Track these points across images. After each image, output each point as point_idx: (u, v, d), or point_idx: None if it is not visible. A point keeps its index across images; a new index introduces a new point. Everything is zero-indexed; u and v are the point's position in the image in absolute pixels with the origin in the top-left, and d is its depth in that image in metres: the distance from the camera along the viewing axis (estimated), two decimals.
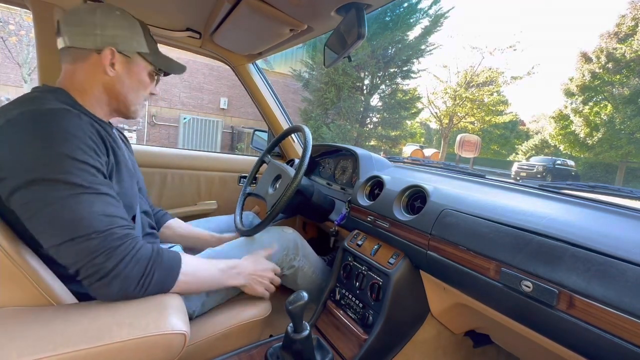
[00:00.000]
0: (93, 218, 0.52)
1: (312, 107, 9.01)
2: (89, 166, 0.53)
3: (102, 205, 0.53)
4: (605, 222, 0.59)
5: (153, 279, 0.57)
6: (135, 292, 0.56)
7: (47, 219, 0.50)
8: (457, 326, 0.90)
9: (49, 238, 0.51)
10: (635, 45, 10.68)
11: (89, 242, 0.51)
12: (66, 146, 0.51)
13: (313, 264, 1.05)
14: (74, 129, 0.53)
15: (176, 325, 0.54)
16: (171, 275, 0.61)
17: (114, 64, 0.66)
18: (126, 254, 0.54)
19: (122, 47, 0.66)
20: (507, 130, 20.66)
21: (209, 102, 9.52)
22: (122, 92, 0.69)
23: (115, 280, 0.53)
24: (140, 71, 0.70)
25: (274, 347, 0.74)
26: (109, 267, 0.52)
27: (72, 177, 0.51)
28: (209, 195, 1.54)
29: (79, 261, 0.51)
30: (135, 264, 0.55)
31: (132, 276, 0.55)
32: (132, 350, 0.50)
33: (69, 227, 0.50)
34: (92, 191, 0.53)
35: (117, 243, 0.53)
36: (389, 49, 8.37)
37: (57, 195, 0.50)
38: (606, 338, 0.45)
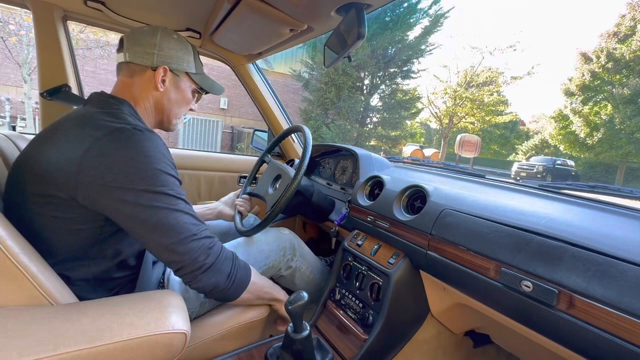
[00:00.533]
0: (190, 223, 0.61)
1: (312, 107, 9.02)
2: (175, 179, 0.62)
3: (191, 211, 0.63)
4: (605, 222, 0.59)
5: (237, 275, 0.69)
6: (225, 285, 0.67)
7: (155, 224, 0.58)
8: (457, 326, 0.90)
9: (158, 239, 0.59)
10: (634, 45, 10.68)
11: (192, 244, 0.60)
12: (160, 163, 0.59)
13: (311, 264, 1.06)
14: (162, 148, 0.62)
15: (177, 324, 0.54)
16: (247, 273, 0.73)
17: (164, 80, 0.73)
18: (219, 253, 0.65)
19: (174, 66, 0.74)
20: (507, 130, 20.67)
21: (209, 102, 9.52)
22: (168, 106, 0.77)
23: (213, 274, 0.64)
24: (185, 88, 0.78)
25: (274, 347, 0.74)
26: (209, 263, 0.63)
27: (169, 189, 0.59)
28: (209, 195, 1.54)
29: (185, 259, 0.60)
30: (225, 261, 0.66)
31: (224, 271, 0.66)
32: (133, 349, 0.50)
33: (174, 230, 0.59)
34: (182, 200, 0.62)
35: (210, 244, 0.64)
36: (389, 49, 8.37)
37: (160, 204, 0.58)
38: (606, 338, 0.45)
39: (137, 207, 0.56)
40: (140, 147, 0.58)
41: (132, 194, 0.56)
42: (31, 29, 5.74)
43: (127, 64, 0.72)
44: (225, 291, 0.68)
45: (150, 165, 0.58)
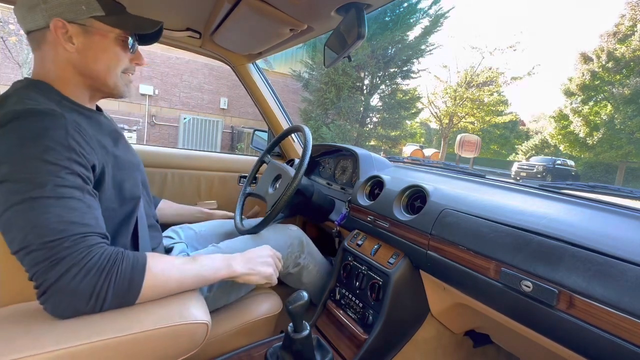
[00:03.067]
0: (45, 226, 0.46)
1: (312, 107, 9.01)
2: (60, 168, 0.49)
3: (62, 211, 0.47)
4: (605, 222, 0.59)
5: (108, 294, 0.49)
6: (89, 309, 0.48)
7: (4, 224, 0.47)
8: (457, 326, 0.90)
9: (8, 244, 0.48)
10: (634, 45, 10.68)
11: (37, 253, 0.45)
12: (37, 147, 0.48)
13: (318, 262, 1.06)
14: (51, 129, 0.49)
15: (199, 315, 0.56)
16: (133, 284, 0.51)
17: (71, 37, 0.58)
18: (72, 265, 0.46)
19: (70, 15, 0.57)
20: (507, 130, 20.66)
21: (209, 102, 9.52)
22: (90, 67, 0.61)
23: (60, 295, 0.46)
24: (101, 39, 0.60)
25: (274, 347, 0.74)
26: (51, 279, 0.45)
27: (35, 177, 0.47)
28: (209, 195, 1.54)
29: (29, 271, 0.46)
30: (83, 276, 0.46)
31: (81, 290, 0.46)
32: (160, 338, 0.52)
33: (20, 235, 0.46)
34: (53, 195, 0.47)
35: (64, 253, 0.46)
36: (389, 49, 8.37)
37: (15, 198, 0.46)
38: (606, 338, 0.45)
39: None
40: (17, 129, 0.48)
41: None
42: None
43: (29, 36, 0.59)
44: (98, 310, 0.50)
45: (19, 150, 0.47)
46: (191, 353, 0.58)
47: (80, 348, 0.46)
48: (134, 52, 0.67)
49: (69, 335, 0.46)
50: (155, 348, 0.53)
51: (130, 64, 0.67)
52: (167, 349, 0.54)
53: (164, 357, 0.55)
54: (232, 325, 0.82)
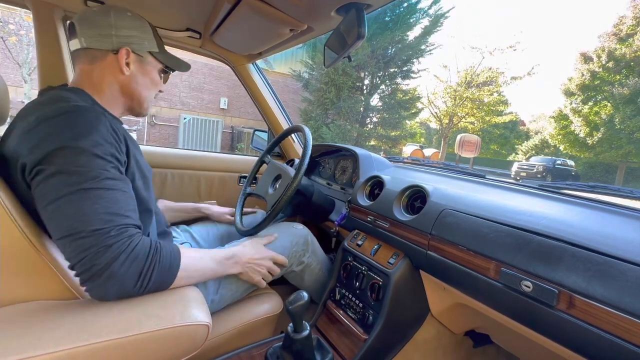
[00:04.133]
0: (93, 215, 0.50)
1: (312, 107, 9.01)
2: (106, 162, 0.54)
3: (108, 202, 0.52)
4: (605, 222, 0.59)
5: (152, 278, 0.55)
6: (134, 292, 0.54)
7: (53, 211, 0.50)
8: (457, 326, 0.90)
9: (53, 230, 0.51)
10: (635, 45, 10.68)
11: (85, 239, 0.49)
12: (87, 141, 0.52)
13: (321, 261, 1.06)
14: (97, 125, 0.55)
15: (199, 316, 0.57)
16: (170, 272, 0.59)
17: (128, 63, 0.68)
18: (120, 252, 0.51)
19: (135, 47, 0.69)
20: (507, 130, 20.66)
21: (209, 102, 9.52)
22: (137, 90, 0.72)
23: (110, 280, 0.51)
24: (152, 70, 0.73)
25: (274, 347, 0.74)
26: (100, 264, 0.49)
27: (87, 170, 0.51)
28: (209, 195, 1.54)
29: (72, 259, 0.50)
30: (132, 262, 0.52)
31: (129, 275, 0.52)
32: (160, 340, 0.53)
33: (69, 222, 0.50)
34: (103, 187, 0.52)
35: (111, 241, 0.51)
36: (389, 49, 8.37)
37: (68, 189, 0.50)
38: (606, 338, 0.45)
39: (43, 188, 0.50)
40: (67, 123, 0.53)
41: (43, 173, 0.50)
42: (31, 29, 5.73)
43: (85, 51, 0.66)
44: (141, 293, 0.55)
45: (71, 143, 0.51)
46: (192, 354, 0.58)
47: (81, 349, 0.46)
48: (165, 82, 0.81)
49: (70, 336, 0.47)
50: (156, 349, 0.53)
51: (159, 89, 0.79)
52: (167, 350, 0.54)
53: (165, 358, 0.55)
54: (232, 325, 0.82)
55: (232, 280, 0.86)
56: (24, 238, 0.51)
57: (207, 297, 0.81)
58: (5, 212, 0.49)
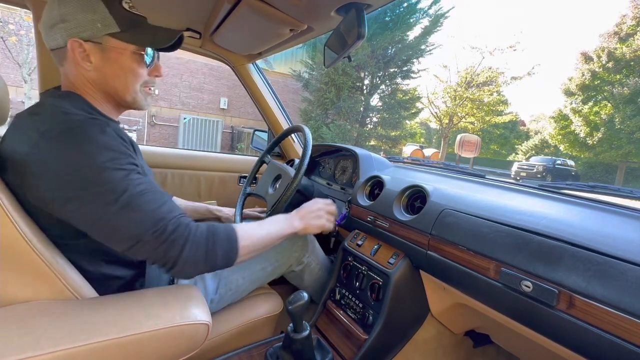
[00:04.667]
0: (145, 220, 0.53)
1: (312, 107, 9.01)
2: (127, 171, 0.54)
3: (148, 204, 0.55)
4: (605, 222, 0.59)
5: (217, 254, 0.60)
6: (207, 269, 0.60)
7: (110, 230, 0.53)
8: (457, 326, 0.90)
9: (116, 246, 0.54)
10: (635, 45, 10.68)
11: (149, 242, 0.53)
12: (103, 158, 0.52)
13: (320, 261, 1.06)
14: (106, 139, 0.54)
15: (199, 316, 0.57)
16: (231, 246, 0.63)
17: (88, 55, 0.59)
18: (185, 242, 0.56)
19: (87, 33, 0.57)
20: (507, 130, 20.66)
21: (209, 102, 9.52)
22: (109, 84, 0.62)
23: (186, 265, 0.56)
24: (118, 56, 0.61)
25: (274, 347, 0.74)
26: (173, 257, 0.55)
27: (116, 186, 0.52)
28: (209, 195, 1.54)
29: (150, 258, 0.55)
30: (196, 247, 0.57)
31: (198, 258, 0.57)
32: (161, 339, 0.53)
33: (128, 233, 0.53)
34: (135, 193, 0.53)
35: (173, 235, 0.55)
36: (389, 49, 8.36)
37: (109, 208, 0.51)
38: (606, 338, 0.45)
39: (86, 215, 0.52)
40: (79, 143, 0.51)
41: (76, 202, 0.51)
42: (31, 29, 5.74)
43: (52, 53, 0.61)
44: (214, 269, 0.61)
45: (91, 165, 0.51)
46: (192, 353, 0.58)
47: (81, 349, 0.46)
48: (151, 65, 0.67)
49: (69, 336, 0.47)
50: (156, 348, 0.53)
51: (149, 77, 0.67)
52: (167, 349, 0.54)
53: (165, 357, 0.55)
54: (232, 325, 0.82)
55: (232, 280, 0.86)
56: (23, 239, 0.51)
57: (207, 297, 0.81)
58: (4, 213, 0.49)
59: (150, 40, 0.63)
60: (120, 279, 0.68)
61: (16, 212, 0.52)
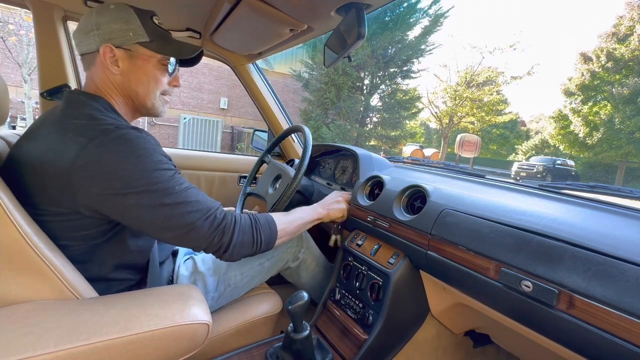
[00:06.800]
0: (195, 210, 0.60)
1: (312, 107, 9.01)
2: (172, 171, 0.61)
3: (195, 197, 0.61)
4: (605, 222, 0.59)
5: (262, 238, 0.70)
6: (254, 251, 0.70)
7: (163, 222, 0.58)
8: (457, 326, 0.90)
9: (170, 233, 0.59)
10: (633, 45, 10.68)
11: (202, 230, 0.61)
12: (152, 159, 0.58)
13: (316, 257, 1.07)
14: (149, 142, 0.59)
15: (199, 315, 0.57)
16: (272, 230, 0.73)
17: (117, 60, 0.64)
18: (234, 228, 0.65)
19: (119, 40, 0.63)
20: (507, 130, 20.67)
21: (209, 102, 9.52)
22: (132, 88, 0.67)
23: (236, 249, 0.66)
24: (144, 63, 0.66)
25: (274, 347, 0.74)
26: (226, 242, 0.64)
27: (167, 183, 0.58)
28: (208, 195, 1.53)
29: (202, 244, 0.62)
30: (244, 233, 0.67)
31: (246, 242, 0.67)
32: (161, 339, 0.53)
33: (181, 222, 0.59)
34: (182, 189, 0.60)
35: (223, 223, 0.63)
36: (388, 49, 8.37)
37: (162, 202, 0.57)
38: (606, 338, 0.45)
39: (141, 209, 0.56)
40: (128, 147, 0.56)
41: (132, 197, 0.55)
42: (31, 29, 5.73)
43: (82, 57, 0.66)
44: (257, 253, 0.71)
45: (143, 165, 0.56)
46: (192, 353, 0.58)
47: (81, 349, 0.46)
48: (172, 75, 0.73)
49: (70, 335, 0.47)
50: (156, 348, 0.53)
51: (169, 86, 0.73)
52: (168, 349, 0.54)
53: (165, 357, 0.55)
54: (232, 325, 0.82)
55: (231, 276, 0.87)
56: (23, 239, 0.51)
57: (207, 295, 0.81)
58: (5, 214, 0.49)
59: (176, 51, 0.69)
60: (122, 282, 0.68)
61: (17, 212, 0.52)
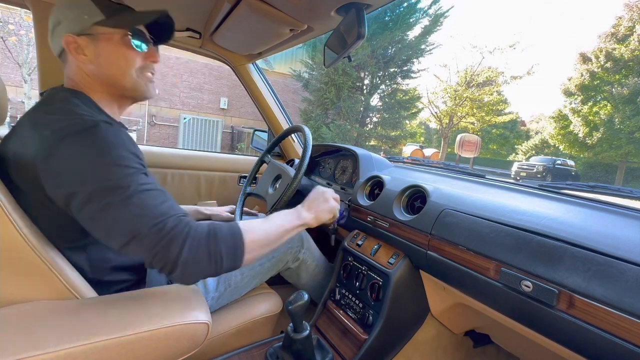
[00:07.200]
0: (145, 214, 0.52)
1: (312, 107, 9.01)
2: (134, 169, 0.55)
3: (151, 201, 0.54)
4: (605, 222, 0.59)
5: (222, 253, 0.56)
6: (213, 270, 0.55)
7: (109, 224, 0.52)
8: (457, 326, 0.90)
9: (115, 242, 0.53)
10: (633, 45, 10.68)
11: (145, 240, 0.51)
12: (113, 155, 0.53)
13: (316, 258, 1.07)
14: (115, 139, 0.55)
15: (199, 315, 0.57)
16: (237, 242, 0.58)
17: (82, 49, 0.61)
18: (184, 241, 0.53)
19: (77, 27, 0.60)
20: (506, 130, 20.68)
21: (209, 102, 9.52)
22: (105, 74, 0.63)
23: (188, 267, 0.53)
24: (108, 43, 0.62)
25: (274, 347, 0.74)
26: (172, 257, 0.52)
27: (121, 181, 0.52)
28: (209, 195, 1.54)
29: (147, 258, 0.52)
30: (197, 246, 0.54)
31: (201, 258, 0.54)
32: (161, 338, 0.53)
33: (127, 228, 0.51)
34: (139, 190, 0.53)
35: (172, 232, 0.52)
36: (388, 49, 8.37)
37: (111, 201, 0.51)
38: (606, 338, 0.45)
39: (90, 207, 0.51)
40: (91, 140, 0.53)
41: (83, 194, 0.51)
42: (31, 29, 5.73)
43: (60, 59, 0.65)
44: (219, 272, 0.56)
45: (101, 159, 0.52)
46: (192, 353, 0.58)
47: (81, 348, 0.46)
48: (143, 49, 0.66)
49: (70, 335, 0.47)
50: (156, 348, 0.53)
51: (145, 62, 0.67)
52: (167, 349, 0.54)
53: (165, 357, 0.55)
54: (232, 325, 0.82)
55: (231, 276, 0.86)
56: (23, 239, 0.51)
57: (208, 295, 0.81)
58: (4, 213, 0.49)
59: (130, 22, 0.63)
60: (121, 283, 0.68)
61: (16, 212, 0.52)
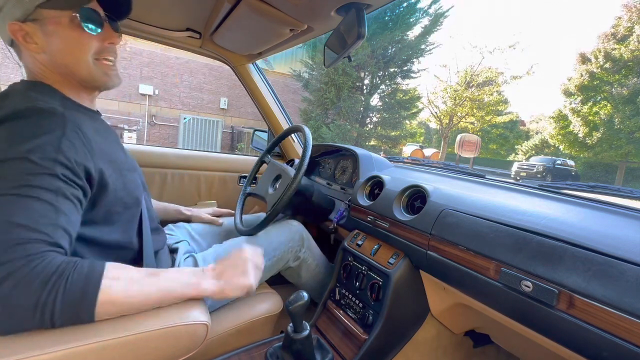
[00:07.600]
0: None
1: (312, 107, 9.02)
2: (40, 167, 0.45)
3: (14, 211, 0.42)
4: (605, 222, 0.59)
5: (56, 307, 0.41)
6: (36, 324, 0.42)
7: None
8: (457, 326, 0.90)
9: None
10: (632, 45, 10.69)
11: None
12: (24, 146, 0.45)
13: (316, 257, 1.07)
14: (47, 129, 0.47)
15: (198, 316, 0.57)
16: (85, 298, 0.44)
17: (32, 37, 0.55)
18: (9, 275, 0.39)
19: (20, 12, 0.53)
20: (506, 130, 20.69)
21: (209, 102, 9.52)
22: (59, 62, 0.57)
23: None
24: (56, 27, 0.54)
25: (274, 347, 0.74)
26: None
27: (7, 175, 0.44)
28: (208, 195, 1.54)
29: None
30: (24, 288, 0.40)
31: (22, 303, 0.40)
32: (159, 339, 0.52)
33: None
34: (15, 193, 0.43)
35: (3, 258, 0.40)
36: (388, 49, 8.37)
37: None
38: (606, 338, 0.45)
39: None
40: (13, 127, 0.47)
41: None
42: None
43: (11, 47, 0.59)
44: (48, 324, 0.42)
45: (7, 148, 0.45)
46: (191, 353, 0.58)
47: (80, 349, 0.46)
48: (95, 31, 0.57)
49: (68, 336, 0.46)
50: (154, 349, 0.53)
51: (102, 45, 0.59)
52: (166, 349, 0.54)
53: (164, 357, 0.55)
54: (232, 325, 0.82)
55: None
56: None
57: None
58: None
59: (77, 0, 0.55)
60: None
61: None
